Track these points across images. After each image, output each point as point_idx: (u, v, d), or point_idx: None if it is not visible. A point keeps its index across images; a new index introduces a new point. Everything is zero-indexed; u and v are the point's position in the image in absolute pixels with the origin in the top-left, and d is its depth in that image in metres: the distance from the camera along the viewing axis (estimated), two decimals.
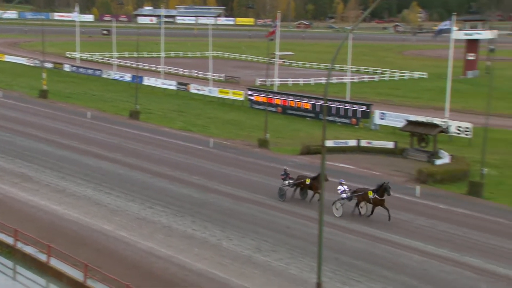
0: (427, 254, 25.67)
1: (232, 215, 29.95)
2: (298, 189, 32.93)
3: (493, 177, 38.87)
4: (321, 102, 59.35)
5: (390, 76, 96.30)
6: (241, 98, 69.80)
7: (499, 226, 30.18)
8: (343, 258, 24.87)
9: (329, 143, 44.71)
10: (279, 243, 26.41)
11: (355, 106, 58.53)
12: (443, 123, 49.55)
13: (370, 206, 30.03)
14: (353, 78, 79.70)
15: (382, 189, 29.24)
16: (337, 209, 30.29)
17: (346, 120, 58.04)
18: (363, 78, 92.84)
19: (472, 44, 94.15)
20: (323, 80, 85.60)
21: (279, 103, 64.11)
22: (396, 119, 54.34)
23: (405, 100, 74.31)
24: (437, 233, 28.30)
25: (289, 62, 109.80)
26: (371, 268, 24.02)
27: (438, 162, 41.25)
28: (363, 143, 46.49)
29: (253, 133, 52.10)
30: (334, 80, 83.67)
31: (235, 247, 25.87)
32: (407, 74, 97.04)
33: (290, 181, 32.82)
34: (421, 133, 44.12)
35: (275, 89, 71.59)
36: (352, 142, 46.58)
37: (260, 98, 65.23)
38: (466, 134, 50.61)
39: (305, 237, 26.94)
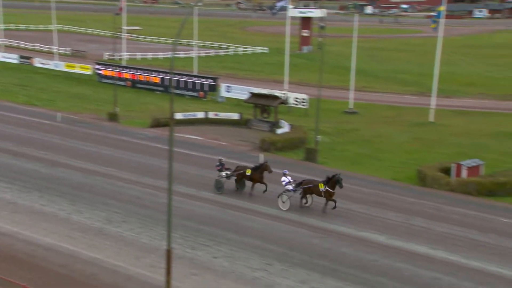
0: (270, 217, 27.45)
1: (82, 189, 29.93)
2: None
3: (326, 143, 41.88)
4: (170, 76, 60.04)
5: (234, 51, 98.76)
6: (89, 72, 68.49)
7: None
8: (192, 225, 25.87)
9: (178, 116, 45.84)
10: (130, 213, 26.90)
11: (202, 79, 59.93)
12: (283, 95, 52.42)
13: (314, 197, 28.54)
14: (199, 53, 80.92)
15: (333, 181, 27.51)
16: (283, 202, 28.48)
17: (194, 93, 59.29)
18: (209, 52, 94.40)
19: (306, 22, 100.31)
20: (171, 54, 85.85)
21: (128, 77, 63.82)
22: (240, 91, 56.56)
23: (248, 74, 77.03)
24: None
25: (136, 37, 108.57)
26: (219, 233, 25.27)
27: (279, 131, 43.89)
28: (211, 115, 48.17)
29: (102, 107, 51.65)
30: (181, 54, 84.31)
31: (86, 220, 26.00)
32: (250, 49, 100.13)
33: (227, 172, 30.48)
34: (263, 105, 46.54)
35: (124, 63, 70.93)
36: (200, 114, 48.04)
37: (109, 72, 64.45)
38: (303, 105, 53.93)
39: (155, 207, 27.64)
